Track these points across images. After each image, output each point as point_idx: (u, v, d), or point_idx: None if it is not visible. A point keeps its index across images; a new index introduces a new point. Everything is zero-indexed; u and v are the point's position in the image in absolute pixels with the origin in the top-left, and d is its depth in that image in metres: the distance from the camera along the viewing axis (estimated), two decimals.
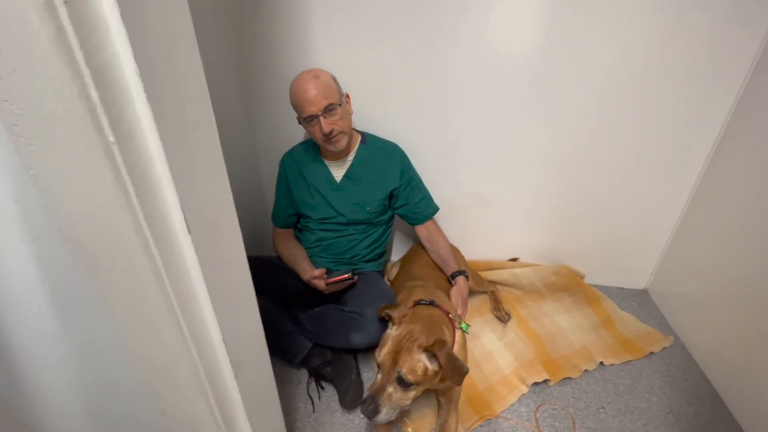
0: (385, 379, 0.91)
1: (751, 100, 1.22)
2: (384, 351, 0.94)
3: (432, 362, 0.91)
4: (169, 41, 0.42)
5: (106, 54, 0.36)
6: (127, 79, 0.38)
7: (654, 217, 1.52)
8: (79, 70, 0.35)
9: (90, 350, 0.61)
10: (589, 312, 1.52)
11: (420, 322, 0.97)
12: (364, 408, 0.88)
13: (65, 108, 0.36)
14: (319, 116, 1.12)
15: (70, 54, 0.34)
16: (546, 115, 1.39)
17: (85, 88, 0.36)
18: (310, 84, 1.11)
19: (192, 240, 0.49)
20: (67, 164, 0.38)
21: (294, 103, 1.16)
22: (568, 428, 1.12)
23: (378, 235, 1.39)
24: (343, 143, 1.20)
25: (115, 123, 0.38)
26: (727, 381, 1.22)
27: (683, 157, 1.39)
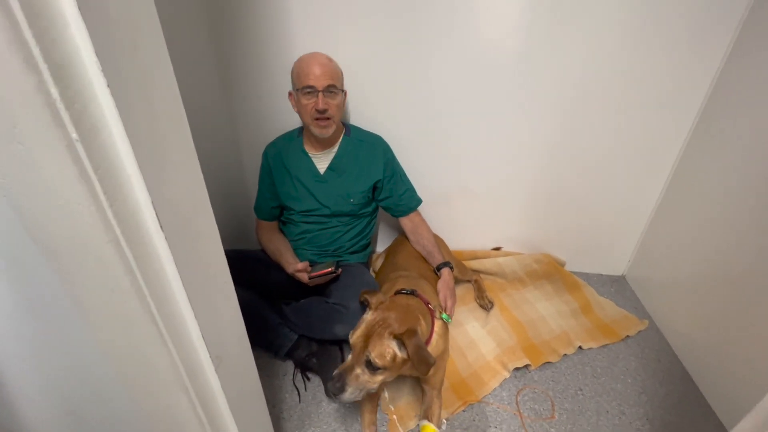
0: (355, 360, 0.93)
1: (725, 88, 1.25)
2: (357, 333, 0.96)
3: (401, 350, 0.93)
4: (133, 34, 0.41)
5: (65, 49, 0.35)
6: (89, 75, 0.37)
7: (631, 206, 1.57)
8: (37, 66, 0.34)
9: (65, 350, 0.61)
10: (569, 298, 1.56)
11: (396, 310, 0.99)
12: (331, 385, 0.91)
13: (23, 105, 0.35)
14: (319, 91, 1.13)
15: (26, 49, 0.33)
16: (526, 107, 1.40)
17: (44, 85, 0.35)
18: (321, 60, 1.14)
19: (165, 237, 0.48)
20: (29, 162, 0.37)
21: (297, 71, 1.15)
22: (548, 410, 1.16)
23: (362, 227, 1.39)
24: (330, 131, 1.20)
25: (78, 120, 0.37)
26: (698, 362, 1.28)
27: (659, 145, 1.43)
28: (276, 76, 1.42)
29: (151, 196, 0.45)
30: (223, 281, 0.64)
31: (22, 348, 0.60)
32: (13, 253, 0.47)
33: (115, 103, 0.39)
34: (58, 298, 0.51)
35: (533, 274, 1.64)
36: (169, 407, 0.62)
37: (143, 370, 0.56)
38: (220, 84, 1.45)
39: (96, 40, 0.36)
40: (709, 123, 1.31)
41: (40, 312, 0.54)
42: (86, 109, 0.38)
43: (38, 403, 0.70)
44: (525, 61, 1.32)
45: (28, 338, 0.58)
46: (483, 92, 1.39)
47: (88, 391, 0.67)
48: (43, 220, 0.41)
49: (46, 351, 0.59)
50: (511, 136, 1.47)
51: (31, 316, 0.55)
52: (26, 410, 0.71)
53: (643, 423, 1.13)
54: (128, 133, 0.41)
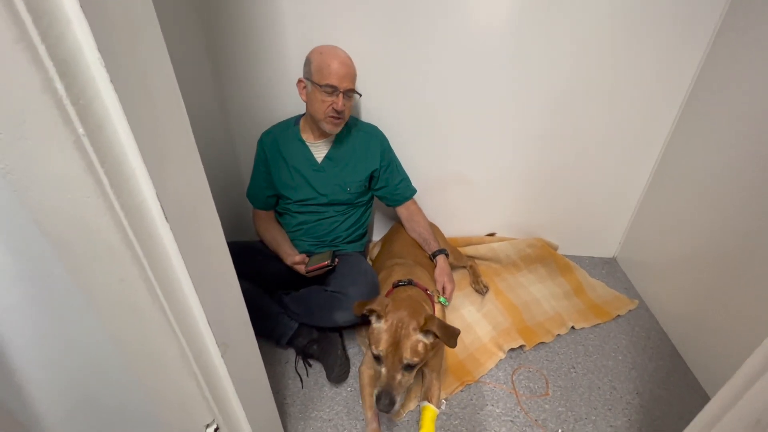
0: (392, 369, 0.96)
1: (711, 72, 1.27)
2: (383, 345, 0.97)
3: (427, 337, 0.98)
4: (132, 30, 0.42)
5: (68, 46, 0.36)
6: (92, 71, 0.38)
7: (621, 190, 1.61)
8: (43, 64, 0.35)
9: (76, 342, 0.62)
10: (562, 281, 1.60)
11: (404, 306, 1.01)
12: (381, 405, 0.93)
13: (30, 101, 0.36)
14: (341, 92, 1.13)
15: (32, 47, 0.34)
16: (518, 95, 1.42)
17: (50, 82, 0.36)
18: (346, 61, 1.14)
19: (171, 228, 0.50)
20: (37, 157, 0.38)
21: (320, 65, 1.12)
22: (542, 388, 1.21)
23: (358, 216, 1.41)
24: (340, 128, 1.22)
25: (83, 115, 0.38)
26: (685, 338, 1.33)
27: (648, 129, 1.45)
28: (268, 66, 1.42)
29: (156, 189, 0.47)
30: (226, 270, 0.66)
31: (33, 340, 0.62)
32: (23, 247, 0.49)
33: (118, 98, 0.40)
34: (68, 289, 0.52)
35: (527, 258, 1.67)
36: (179, 393, 0.64)
37: (153, 358, 0.58)
38: (212, 75, 1.45)
39: (98, 37, 0.37)
40: (696, 107, 1.34)
41: (50, 304, 0.55)
42: (91, 105, 0.39)
43: (49, 394, 0.72)
44: (517, 50, 1.33)
45: (39, 331, 0.59)
46: (475, 80, 1.40)
47: (98, 380, 0.69)
48: (53, 214, 0.42)
49: (57, 343, 0.61)
50: (504, 123, 1.49)
51: (42, 308, 0.56)
52: (37, 402, 0.73)
53: (633, 397, 1.18)
54: (132, 127, 0.42)
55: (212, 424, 0.70)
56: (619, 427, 1.10)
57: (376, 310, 1.01)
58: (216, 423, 0.70)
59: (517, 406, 1.16)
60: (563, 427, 1.10)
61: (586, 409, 1.15)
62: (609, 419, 1.12)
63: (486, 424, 1.11)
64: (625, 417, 1.13)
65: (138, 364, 0.60)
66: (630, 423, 1.11)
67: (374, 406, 1.10)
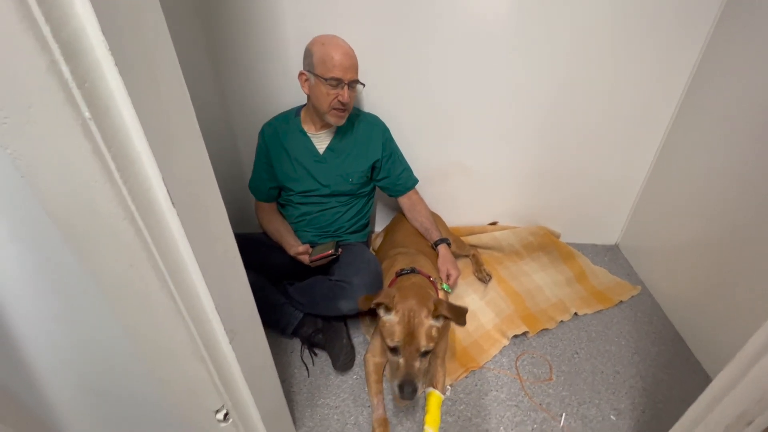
0: (410, 358, 0.96)
1: (714, 56, 1.27)
2: (398, 336, 0.97)
3: (438, 321, 0.99)
4: (135, 12, 0.42)
5: (72, 27, 0.36)
6: (96, 54, 0.38)
7: (623, 177, 1.60)
8: (47, 45, 0.34)
9: (86, 328, 0.63)
10: (564, 268, 1.61)
11: (411, 295, 1.01)
12: (405, 394, 0.93)
13: (37, 84, 0.36)
14: (346, 84, 1.12)
15: (36, 28, 0.34)
16: (519, 83, 1.42)
17: (56, 64, 0.35)
18: (349, 53, 1.12)
19: (177, 213, 0.50)
20: (45, 142, 0.39)
21: (323, 58, 1.10)
22: (546, 373, 1.22)
23: (360, 206, 1.41)
24: (343, 121, 1.21)
25: (90, 98, 0.38)
26: (687, 322, 1.33)
27: (649, 114, 1.45)
28: (267, 58, 1.41)
29: (162, 173, 0.47)
30: (232, 257, 0.66)
31: (43, 330, 0.62)
32: (33, 233, 0.49)
33: (123, 81, 0.40)
34: (77, 276, 0.53)
35: (529, 246, 1.68)
36: (189, 379, 0.65)
37: (163, 344, 0.59)
38: (212, 68, 1.44)
39: (101, 19, 0.37)
40: (698, 93, 1.33)
41: (60, 290, 0.56)
42: (96, 88, 0.39)
43: (61, 383, 0.73)
44: (518, 40, 1.32)
45: (50, 318, 0.60)
46: (477, 71, 1.39)
47: (109, 368, 0.70)
48: (61, 198, 0.43)
49: (68, 329, 0.62)
50: (505, 112, 1.48)
51: (53, 294, 0.57)
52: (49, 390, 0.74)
53: (636, 380, 1.19)
54: (137, 111, 0.42)
55: (221, 409, 0.71)
56: (622, 410, 1.11)
57: (384, 303, 1.00)
58: (225, 408, 0.71)
59: (521, 391, 1.17)
60: (567, 410, 1.11)
61: (589, 393, 1.16)
62: (612, 402, 1.13)
63: (491, 408, 1.12)
64: (628, 400, 1.14)
65: (148, 351, 0.60)
66: (633, 406, 1.12)
67: (380, 393, 1.12)
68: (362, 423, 1.09)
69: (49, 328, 0.63)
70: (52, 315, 0.61)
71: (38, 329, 0.63)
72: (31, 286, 0.56)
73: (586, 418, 1.09)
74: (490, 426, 1.08)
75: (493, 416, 1.10)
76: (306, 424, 1.09)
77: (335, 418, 1.11)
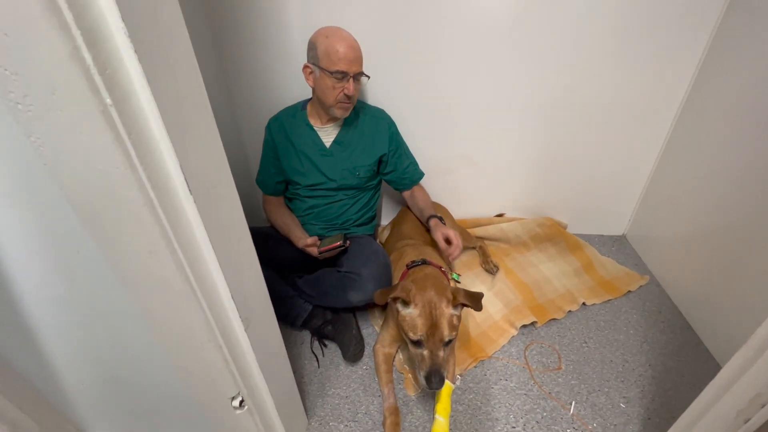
0: (434, 349, 0.97)
1: (723, 43, 1.25)
2: (421, 330, 0.97)
3: (456, 309, 1.00)
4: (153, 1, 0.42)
5: (93, 14, 0.37)
6: (116, 40, 0.39)
7: (630, 166, 1.59)
8: (70, 32, 0.35)
9: (106, 316, 0.64)
10: (572, 259, 1.61)
11: (428, 287, 1.01)
12: (434, 384, 0.95)
13: (59, 71, 0.36)
14: (351, 77, 1.12)
15: (59, 15, 0.34)
16: (523, 73, 1.41)
17: (78, 51, 0.36)
18: (353, 45, 1.12)
19: (194, 201, 0.51)
20: (67, 129, 0.39)
21: (328, 51, 1.09)
22: (555, 362, 1.22)
23: (367, 199, 1.42)
24: (348, 112, 1.21)
25: (110, 85, 0.39)
26: (697, 311, 1.33)
27: (657, 104, 1.44)
28: (273, 53, 1.41)
29: (179, 160, 0.47)
30: (246, 246, 0.67)
31: (62, 314, 0.63)
32: (53, 221, 0.50)
33: (142, 69, 0.41)
34: (97, 263, 0.53)
35: (536, 237, 1.68)
36: (205, 366, 0.66)
37: (180, 330, 0.60)
38: (217, 62, 1.44)
39: (121, 6, 0.38)
40: (705, 82, 1.32)
41: (81, 279, 0.57)
42: (116, 75, 0.40)
43: (80, 372, 0.74)
44: (521, 27, 1.31)
45: (68, 304, 0.61)
46: (480, 60, 1.39)
47: (128, 355, 0.71)
48: (83, 186, 0.43)
49: (87, 316, 0.63)
50: (510, 104, 1.48)
51: (72, 283, 0.58)
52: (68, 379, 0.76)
53: (645, 369, 1.20)
54: (155, 98, 0.43)
55: (237, 396, 0.72)
56: (631, 398, 1.12)
57: (401, 297, 1.00)
58: (241, 395, 0.73)
59: (530, 380, 1.17)
60: (577, 398, 1.12)
61: (598, 381, 1.17)
62: (622, 391, 1.14)
63: (500, 397, 1.13)
64: (637, 388, 1.14)
65: (166, 338, 0.61)
66: (642, 394, 1.13)
67: (390, 383, 1.13)
68: (373, 412, 1.10)
69: (69, 317, 0.65)
70: (71, 302, 0.62)
71: (57, 318, 0.65)
72: (50, 273, 0.57)
73: (595, 406, 1.10)
74: (500, 414, 1.09)
75: (503, 405, 1.11)
76: (317, 414, 1.10)
77: (346, 407, 1.12)
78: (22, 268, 0.58)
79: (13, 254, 0.55)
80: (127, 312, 0.63)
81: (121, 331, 0.68)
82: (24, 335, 0.66)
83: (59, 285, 0.60)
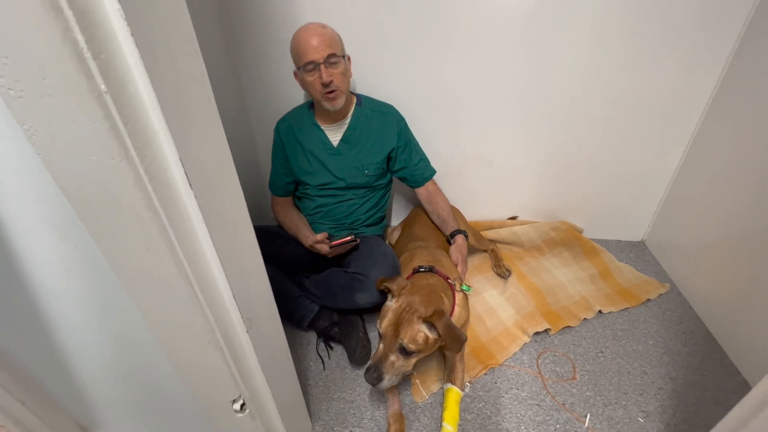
0: (387, 348, 0.95)
1: (753, 40, 1.19)
2: (385, 323, 0.97)
3: (432, 331, 0.95)
4: None
5: None
6: (112, 23, 0.37)
7: (651, 168, 1.53)
8: (62, 12, 0.33)
9: (106, 315, 0.63)
10: (588, 264, 1.55)
11: (419, 293, 0.99)
12: (368, 376, 0.94)
13: (51, 55, 0.34)
14: (321, 64, 1.09)
15: None
16: (539, 67, 1.36)
17: (70, 32, 0.34)
18: (315, 31, 1.09)
19: (195, 196, 0.48)
20: (60, 116, 0.37)
21: (295, 49, 1.11)
22: (569, 372, 1.17)
23: (377, 199, 1.39)
24: (340, 102, 1.17)
25: (105, 70, 0.37)
26: (721, 322, 1.26)
27: (681, 102, 1.37)
28: (282, 54, 1.39)
29: (179, 153, 0.45)
30: (250, 244, 0.65)
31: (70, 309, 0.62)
32: (49, 214, 0.48)
33: (139, 54, 0.38)
34: (95, 260, 0.52)
35: (551, 241, 1.62)
36: (206, 367, 0.64)
37: (180, 330, 0.58)
38: (228, 64, 1.43)
39: None
40: (733, 81, 1.25)
41: (79, 277, 0.55)
42: (112, 60, 0.38)
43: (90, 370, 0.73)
44: (537, 23, 1.27)
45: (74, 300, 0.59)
46: (494, 59, 1.35)
47: (134, 353, 0.70)
48: (78, 178, 0.41)
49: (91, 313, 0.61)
50: (525, 103, 1.43)
51: (71, 281, 0.56)
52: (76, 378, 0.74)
53: (665, 382, 1.14)
54: (154, 86, 0.40)
55: (238, 399, 0.70)
56: (651, 413, 1.06)
57: (392, 289, 1.01)
58: (242, 398, 0.70)
59: (542, 390, 1.13)
60: (592, 411, 1.07)
61: (615, 393, 1.11)
62: (640, 404, 1.08)
63: (511, 407, 1.08)
64: (657, 402, 1.08)
65: (166, 337, 0.59)
66: (663, 408, 1.07)
67: (395, 388, 1.09)
68: (379, 418, 1.07)
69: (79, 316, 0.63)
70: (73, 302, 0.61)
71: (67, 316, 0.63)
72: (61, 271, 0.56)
73: (612, 420, 1.05)
74: (511, 425, 1.04)
75: (514, 415, 1.07)
76: (322, 418, 1.08)
77: (351, 412, 1.09)
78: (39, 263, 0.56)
79: (33, 250, 0.54)
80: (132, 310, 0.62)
81: (128, 329, 0.67)
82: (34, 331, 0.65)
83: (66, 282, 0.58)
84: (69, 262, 0.56)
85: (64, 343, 0.69)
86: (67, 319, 0.64)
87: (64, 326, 0.66)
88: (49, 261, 0.56)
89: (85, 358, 0.72)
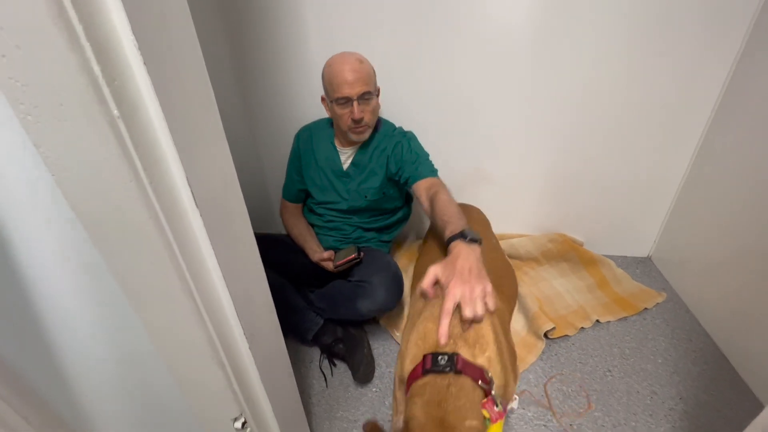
0: None
1: (755, 51, 1.19)
2: None
3: None
4: (162, 11, 0.42)
5: (104, 27, 0.37)
6: (126, 52, 0.39)
7: (656, 181, 1.52)
8: (80, 43, 0.35)
9: (110, 329, 0.64)
10: (585, 275, 1.56)
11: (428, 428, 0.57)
12: None
13: (68, 83, 0.36)
14: (354, 100, 1.09)
15: (70, 28, 0.34)
16: (542, 83, 1.38)
17: (87, 62, 0.36)
18: (353, 66, 1.08)
19: (200, 214, 0.50)
20: (75, 140, 0.39)
21: (329, 80, 1.10)
22: (577, 391, 1.15)
23: (382, 224, 1.39)
24: (366, 136, 1.19)
25: (118, 97, 0.39)
26: (732, 340, 1.24)
27: (685, 114, 1.37)
28: (290, 66, 1.43)
29: (186, 173, 0.47)
30: (253, 261, 0.66)
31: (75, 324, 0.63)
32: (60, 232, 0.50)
33: (151, 81, 0.40)
34: (102, 274, 0.53)
35: (548, 253, 1.63)
36: (208, 384, 0.64)
37: (183, 346, 0.58)
38: (235, 80, 1.48)
39: (132, 18, 0.38)
40: (739, 91, 1.25)
41: (85, 291, 0.57)
42: (125, 87, 0.40)
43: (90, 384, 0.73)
44: (540, 37, 1.30)
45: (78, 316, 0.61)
46: (497, 72, 1.38)
47: (132, 371, 0.70)
48: (89, 197, 0.43)
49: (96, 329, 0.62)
50: (526, 116, 1.45)
51: (75, 295, 0.57)
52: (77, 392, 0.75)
53: (676, 402, 1.11)
54: (164, 110, 0.42)
55: (240, 417, 0.70)
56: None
57: None
58: (243, 417, 0.70)
59: (549, 411, 1.10)
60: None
61: (624, 414, 1.08)
62: (651, 426, 1.05)
63: (517, 427, 1.06)
64: (668, 423, 1.06)
65: (168, 353, 0.60)
66: (674, 429, 1.04)
67: None
68: None
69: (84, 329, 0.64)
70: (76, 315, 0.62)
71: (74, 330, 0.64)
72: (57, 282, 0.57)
73: None
74: None
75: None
76: None
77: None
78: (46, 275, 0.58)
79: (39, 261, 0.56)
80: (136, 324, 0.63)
81: (129, 344, 0.67)
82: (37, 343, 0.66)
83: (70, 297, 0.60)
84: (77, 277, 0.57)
85: (69, 358, 0.70)
86: (73, 334, 0.65)
87: (70, 341, 0.66)
88: (58, 277, 0.58)
89: (89, 373, 0.73)
